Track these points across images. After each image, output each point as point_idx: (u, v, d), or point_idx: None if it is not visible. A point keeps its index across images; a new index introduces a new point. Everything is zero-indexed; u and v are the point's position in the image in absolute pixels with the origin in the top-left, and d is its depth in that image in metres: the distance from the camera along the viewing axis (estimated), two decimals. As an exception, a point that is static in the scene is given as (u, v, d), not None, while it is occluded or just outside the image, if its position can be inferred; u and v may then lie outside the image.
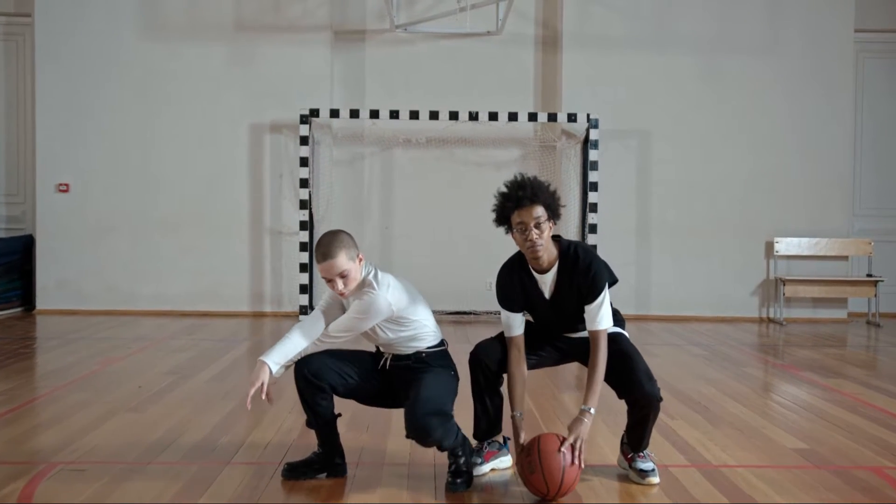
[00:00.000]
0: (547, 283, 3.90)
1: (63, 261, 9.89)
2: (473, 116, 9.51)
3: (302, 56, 9.88)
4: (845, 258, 10.18)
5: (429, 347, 4.03)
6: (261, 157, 9.98)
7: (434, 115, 9.54)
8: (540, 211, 3.75)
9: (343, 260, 3.74)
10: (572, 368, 6.87)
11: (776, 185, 10.13)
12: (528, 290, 3.94)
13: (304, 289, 9.58)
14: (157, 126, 9.91)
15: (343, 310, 3.94)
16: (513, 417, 3.84)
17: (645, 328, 9.35)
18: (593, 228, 9.45)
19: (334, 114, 9.59)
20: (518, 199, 3.77)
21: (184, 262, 9.91)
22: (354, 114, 9.58)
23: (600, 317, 3.81)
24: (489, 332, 4.13)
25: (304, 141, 9.56)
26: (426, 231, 10.04)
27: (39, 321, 9.36)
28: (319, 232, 9.76)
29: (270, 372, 3.75)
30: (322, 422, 3.88)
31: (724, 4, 10.09)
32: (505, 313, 3.97)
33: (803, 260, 10.16)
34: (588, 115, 9.56)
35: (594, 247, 9.34)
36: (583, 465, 3.63)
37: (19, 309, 9.96)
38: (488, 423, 4.07)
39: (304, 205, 9.57)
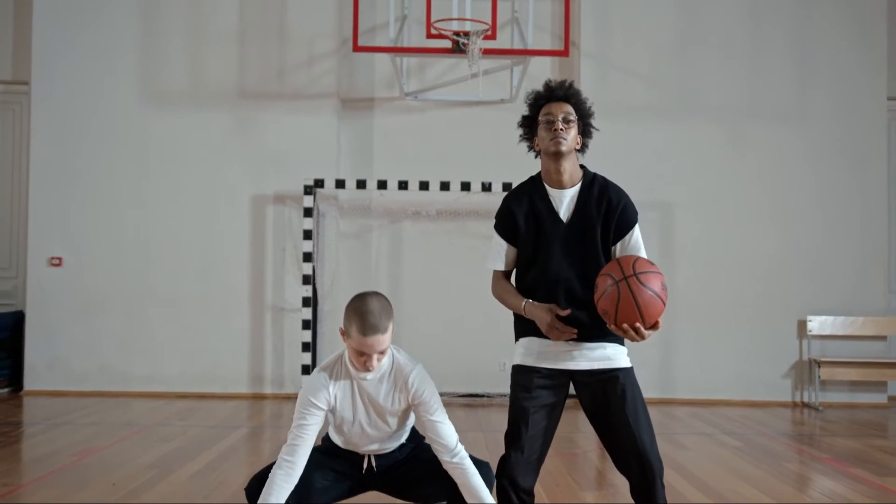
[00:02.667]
0: (565, 200, 3.45)
1: (54, 338, 9.38)
2: (486, 187, 9.07)
3: (307, 124, 9.49)
4: (884, 338, 9.55)
5: (409, 434, 3.63)
6: (263, 230, 9.52)
7: (445, 186, 9.10)
8: (571, 109, 3.46)
9: (390, 334, 3.34)
10: (592, 460, 6.25)
11: (807, 260, 9.56)
12: (539, 211, 3.45)
13: (307, 369, 9.02)
14: (154, 197, 9.49)
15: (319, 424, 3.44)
16: (525, 305, 3.44)
17: (670, 413, 8.72)
18: (614, 306, 8.86)
19: (340, 184, 9.15)
20: (551, 92, 3.50)
21: (180, 340, 9.39)
22: (361, 184, 9.14)
23: (635, 247, 3.46)
24: (503, 416, 3.55)
25: (308, 212, 9.11)
26: (437, 308, 9.50)
27: (26, 403, 8.81)
28: (324, 309, 9.27)
29: None
30: None
31: (750, 71, 9.66)
32: (496, 240, 3.57)
33: (839, 340, 9.53)
34: (607, 186, 9.04)
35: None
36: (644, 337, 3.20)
37: (6, 390, 9.42)
38: None
39: (307, 280, 9.07)
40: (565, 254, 3.43)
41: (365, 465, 3.62)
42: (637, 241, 3.49)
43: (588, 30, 9.67)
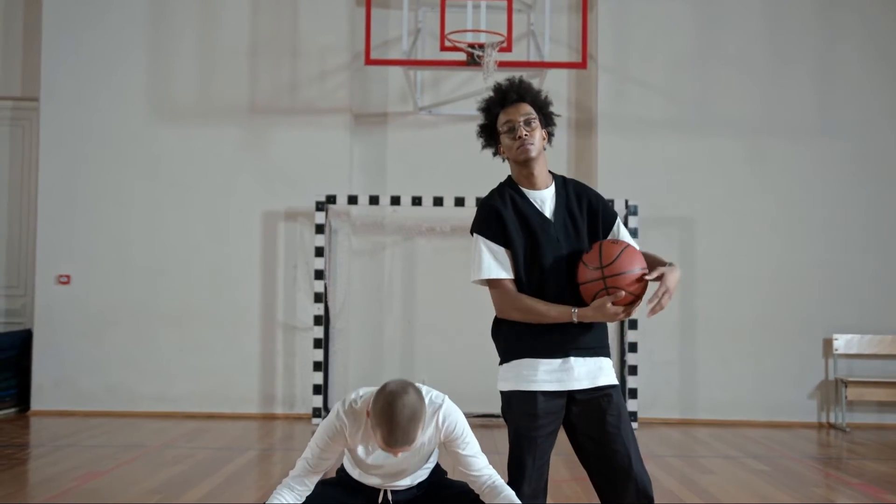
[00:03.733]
0: (546, 201, 3.29)
1: (61, 358, 9.21)
2: (502, 203, 8.83)
3: (319, 140, 9.32)
4: (913, 357, 9.28)
5: (431, 470, 3.45)
6: (274, 247, 9.35)
7: (460, 202, 8.90)
8: (529, 109, 3.32)
9: (419, 439, 3.13)
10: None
11: (832, 276, 9.29)
12: (524, 211, 3.26)
13: (319, 389, 8.81)
14: (164, 214, 9.34)
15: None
16: (577, 311, 3.20)
17: (692, 434, 8.47)
18: (633, 324, 8.63)
19: (353, 200, 8.97)
20: (504, 97, 3.34)
21: (189, 359, 9.20)
22: (374, 200, 8.96)
23: (623, 235, 3.42)
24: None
25: (319, 229, 8.93)
26: (451, 327, 9.28)
27: (33, 423, 8.64)
28: (336, 327, 9.10)
29: None
30: None
31: (770, 84, 9.44)
32: (483, 247, 3.26)
33: (866, 359, 9.25)
34: (626, 202, 8.85)
35: (633, 344, 8.58)
36: (663, 305, 3.17)
37: (13, 410, 9.25)
38: None
39: (319, 298, 8.88)
40: (559, 253, 3.26)
41: (380, 500, 3.42)
42: (625, 233, 3.43)
43: (605, 43, 9.48)
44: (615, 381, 3.35)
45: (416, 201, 8.92)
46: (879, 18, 9.53)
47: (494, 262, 3.26)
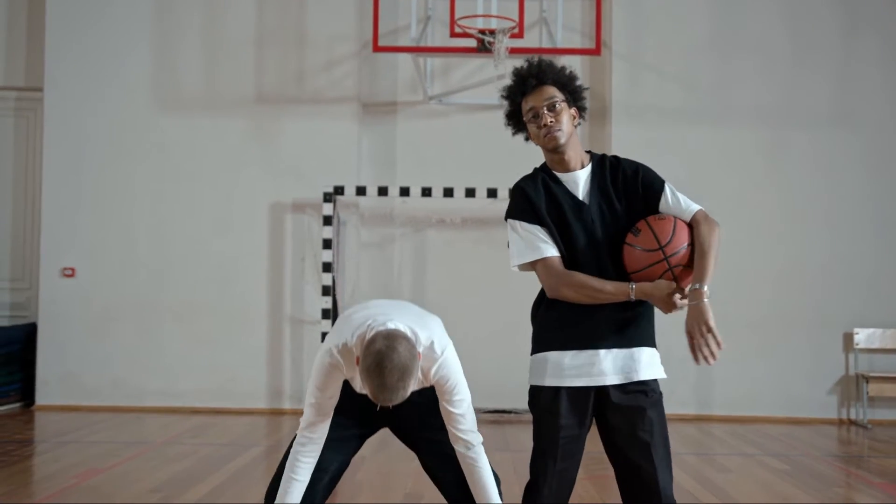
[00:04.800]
0: (579, 182, 3.09)
1: (66, 352, 9.08)
2: (513, 194, 8.65)
3: (327, 130, 9.14)
4: (935, 351, 9.04)
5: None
6: (281, 239, 9.18)
7: (471, 193, 8.73)
8: (552, 91, 3.09)
9: (412, 388, 2.99)
10: None
11: (853, 269, 9.06)
12: (556, 197, 3.06)
13: (327, 384, 8.65)
14: (169, 206, 9.19)
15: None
16: (635, 287, 2.97)
17: (708, 431, 8.26)
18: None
19: (361, 191, 8.80)
20: (522, 84, 3.13)
21: (195, 353, 9.05)
22: (383, 191, 8.79)
23: (684, 202, 3.08)
24: (531, 435, 3.16)
25: (328, 221, 8.76)
26: (461, 320, 9.03)
27: (37, 419, 8.52)
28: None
29: None
30: None
31: (790, 72, 9.20)
32: (519, 229, 3.07)
33: (887, 354, 9.01)
34: (641, 193, 8.63)
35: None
36: (720, 345, 2.89)
37: (18, 404, 9.13)
38: None
39: (327, 291, 8.71)
40: (594, 238, 3.05)
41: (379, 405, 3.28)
42: (678, 200, 3.12)
43: (619, 30, 9.26)
44: (656, 375, 3.09)
45: (426, 192, 8.74)
46: (899, 9, 9.29)
47: (534, 242, 3.07)
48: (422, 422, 3.39)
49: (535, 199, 3.08)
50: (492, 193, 8.71)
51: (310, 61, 9.28)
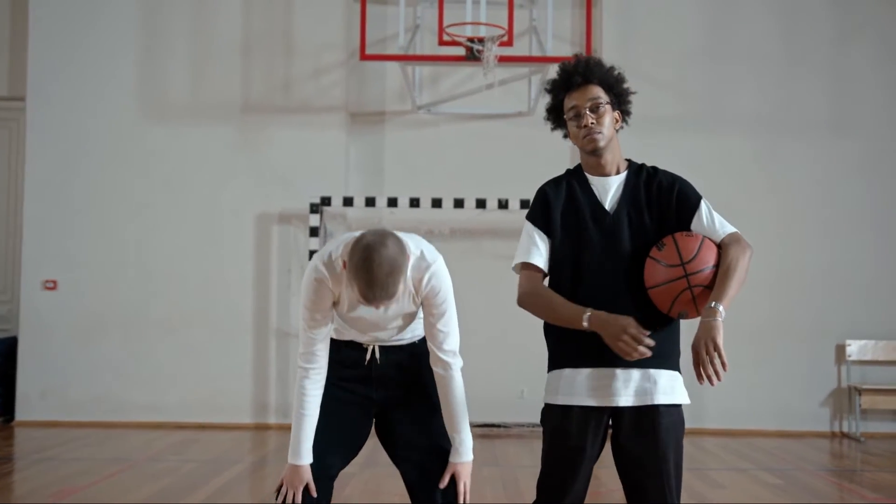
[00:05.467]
0: (610, 189, 2.96)
1: (48, 366, 8.91)
2: (503, 204, 8.57)
3: (314, 139, 9.02)
4: (929, 363, 8.95)
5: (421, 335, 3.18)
6: (267, 251, 9.05)
7: (459, 204, 8.62)
8: (597, 92, 2.96)
9: (401, 289, 2.92)
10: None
11: (846, 280, 8.96)
12: (580, 202, 2.95)
13: (313, 398, 8.51)
14: (154, 216, 9.04)
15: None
16: (590, 315, 2.83)
17: (700, 445, 8.14)
18: (639, 330, 8.32)
19: (348, 202, 8.68)
20: (567, 81, 3.00)
21: (180, 367, 8.89)
22: (371, 202, 8.67)
23: (718, 222, 2.91)
24: (521, 450, 3.06)
25: (314, 232, 8.62)
26: (450, 332, 8.96)
27: (17, 435, 8.34)
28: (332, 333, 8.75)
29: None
30: None
31: (782, 81, 9.12)
32: (529, 231, 3.00)
33: (880, 366, 8.92)
34: (631, 203, 8.54)
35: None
36: (725, 367, 2.72)
37: (-3, 420, 8.97)
38: None
39: (313, 303, 8.57)
40: (615, 247, 2.91)
41: (368, 357, 3.17)
42: (713, 220, 2.94)
43: (610, 38, 9.17)
44: (675, 400, 2.92)
45: (414, 203, 8.63)
46: (894, 17, 9.20)
47: (529, 247, 3.00)
48: (414, 429, 3.23)
49: (553, 204, 2.98)
50: (480, 204, 8.60)
51: (297, 70, 9.16)
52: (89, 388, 8.91)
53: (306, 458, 3.06)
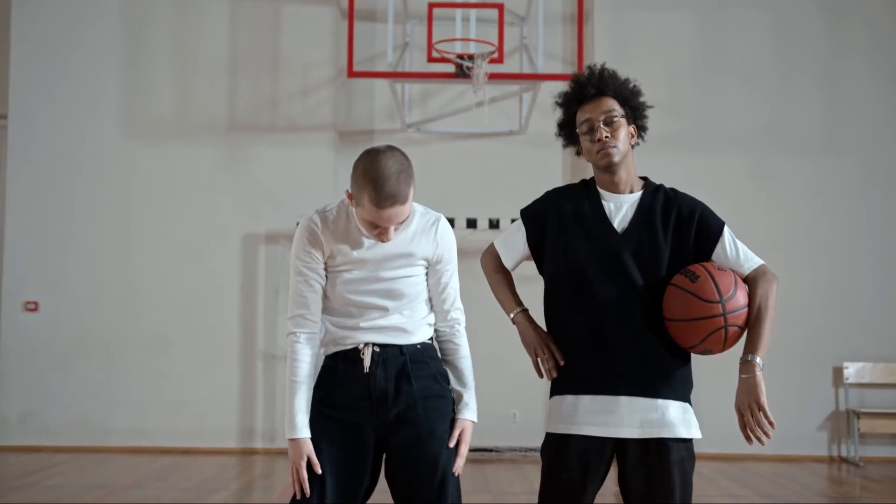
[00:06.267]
0: (622, 208, 2.79)
1: (28, 389, 8.72)
2: (494, 224, 8.45)
3: (302, 158, 8.87)
4: (928, 386, 8.80)
5: (427, 337, 2.98)
6: (254, 271, 8.88)
7: (450, 223, 8.43)
8: (611, 104, 2.85)
9: (410, 202, 2.81)
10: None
11: (842, 301, 8.83)
12: (586, 216, 2.78)
13: (300, 422, 8.31)
14: (138, 237, 8.88)
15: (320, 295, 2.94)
16: (515, 314, 2.95)
17: (697, 470, 7.90)
18: (633, 352, 8.18)
19: (336, 222, 8.52)
20: (580, 93, 2.89)
21: (164, 390, 8.70)
22: (359, 222, 8.51)
23: (743, 254, 2.78)
24: (514, 476, 2.91)
25: (301, 253, 8.46)
26: (441, 354, 8.80)
27: (-5, 460, 8.14)
28: (319, 356, 8.57)
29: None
30: None
31: (775, 98, 9.03)
32: (515, 229, 2.96)
33: (879, 389, 8.77)
34: (625, 223, 8.40)
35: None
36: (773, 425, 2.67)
37: (-24, 445, 8.74)
38: None
39: (301, 325, 8.40)
40: (619, 270, 2.75)
41: (367, 364, 2.88)
42: (737, 251, 2.84)
43: (602, 55, 8.94)
44: (683, 434, 2.80)
45: (404, 223, 8.47)
46: (888, 31, 9.12)
47: (507, 237, 3.03)
48: (421, 475, 2.91)
49: (555, 212, 2.88)
50: (471, 224, 8.48)
51: (284, 87, 9.03)
52: (71, 412, 8.71)
53: (304, 430, 2.88)
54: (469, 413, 3.02)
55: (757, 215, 8.91)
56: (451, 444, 2.92)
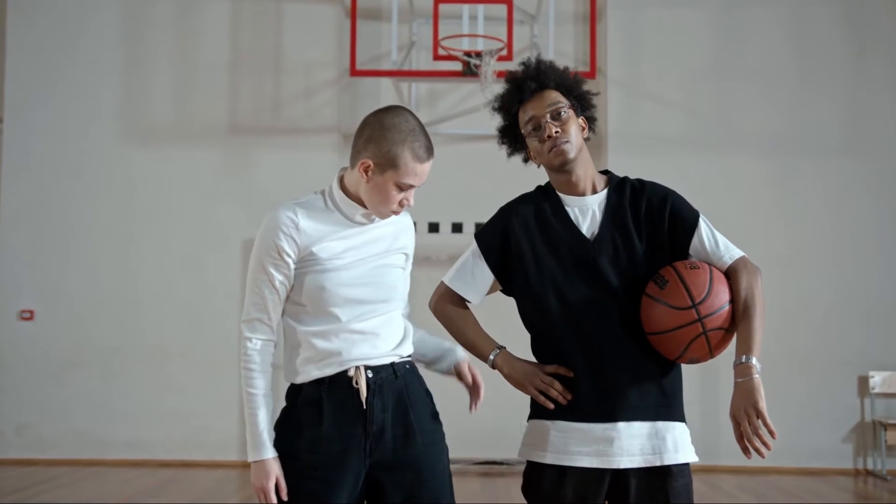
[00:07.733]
0: (588, 211, 2.50)
1: (23, 401, 8.50)
2: (504, 229, 8.18)
3: (305, 162, 8.62)
4: (958, 397, 8.47)
5: (408, 354, 2.68)
6: (256, 279, 8.65)
7: (457, 228, 8.30)
8: (555, 97, 2.56)
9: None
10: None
11: (867, 308, 8.50)
12: (550, 226, 2.50)
13: (303, 434, 8.07)
14: (137, 243, 8.68)
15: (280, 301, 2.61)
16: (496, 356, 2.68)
17: (715, 484, 7.66)
18: (649, 361, 7.90)
19: (341, 227, 8.29)
20: (519, 89, 2.61)
21: (163, 402, 8.46)
22: (364, 227, 8.28)
23: (723, 244, 2.48)
24: None
25: (304, 259, 8.24)
26: (449, 364, 8.53)
27: (-11, 474, 7.91)
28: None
29: None
30: None
31: (796, 97, 8.74)
32: (473, 253, 2.63)
33: (906, 398, 8.47)
34: (639, 227, 8.14)
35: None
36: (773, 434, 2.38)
37: (-30, 458, 8.52)
38: None
39: (304, 334, 8.16)
40: (600, 284, 2.47)
41: (363, 393, 2.56)
42: (716, 242, 2.54)
43: (615, 55, 8.80)
44: (687, 459, 2.53)
45: (410, 228, 8.26)
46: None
47: (461, 271, 2.69)
48: (400, 435, 2.63)
49: (514, 231, 2.58)
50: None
51: (287, 89, 8.82)
52: (68, 424, 8.50)
53: (271, 450, 2.59)
54: (460, 351, 2.88)
55: (774, 220, 8.64)
56: (469, 381, 2.89)
